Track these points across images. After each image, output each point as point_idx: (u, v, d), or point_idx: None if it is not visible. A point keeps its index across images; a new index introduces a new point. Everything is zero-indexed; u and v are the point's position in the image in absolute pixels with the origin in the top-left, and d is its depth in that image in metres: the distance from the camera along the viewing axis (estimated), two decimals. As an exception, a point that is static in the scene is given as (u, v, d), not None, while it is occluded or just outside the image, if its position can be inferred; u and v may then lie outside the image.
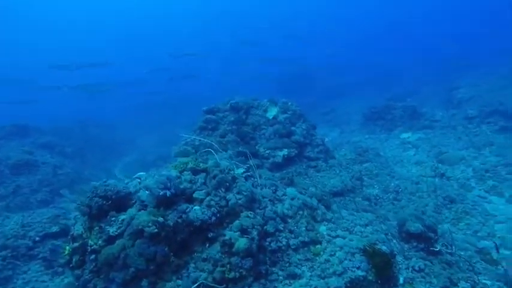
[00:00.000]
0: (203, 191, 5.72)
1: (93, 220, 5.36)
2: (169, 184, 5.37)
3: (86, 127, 28.48)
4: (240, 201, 5.62)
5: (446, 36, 47.23)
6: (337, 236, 6.10)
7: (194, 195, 5.64)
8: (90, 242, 5.19)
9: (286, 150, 12.04)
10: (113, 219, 5.27)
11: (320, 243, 5.96)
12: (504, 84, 22.92)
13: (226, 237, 5.10)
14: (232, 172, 6.31)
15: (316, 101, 33.25)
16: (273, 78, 38.98)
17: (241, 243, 5.00)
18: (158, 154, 22.88)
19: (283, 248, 5.66)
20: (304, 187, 9.58)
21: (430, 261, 5.99)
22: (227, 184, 5.77)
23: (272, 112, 13.45)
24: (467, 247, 8.00)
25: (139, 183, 6.28)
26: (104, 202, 5.39)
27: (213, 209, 5.42)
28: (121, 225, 5.17)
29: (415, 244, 6.38)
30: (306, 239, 5.88)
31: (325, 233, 6.20)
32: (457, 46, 40.60)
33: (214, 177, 5.80)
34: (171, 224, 5.06)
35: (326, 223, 6.52)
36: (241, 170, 7.09)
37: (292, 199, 6.60)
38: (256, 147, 12.21)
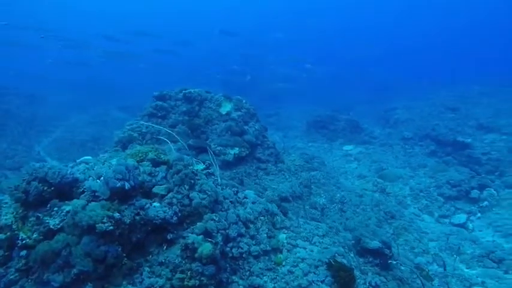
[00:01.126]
0: (164, 185, 5.11)
1: (29, 209, 4.47)
2: (128, 175, 4.68)
3: (3, 96, 25.13)
4: (204, 202, 5.11)
5: (386, 61, 50.61)
6: (297, 246, 5.89)
7: (154, 189, 5.02)
8: (21, 234, 4.30)
9: (237, 148, 11.66)
10: (55, 209, 4.44)
11: (281, 251, 5.70)
12: (433, 112, 25.00)
13: (189, 241, 4.57)
14: (191, 168, 5.78)
15: (260, 102, 33.37)
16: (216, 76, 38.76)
17: (206, 248, 4.51)
18: (90, 135, 21.07)
19: (244, 255, 5.29)
20: (257, 190, 9.33)
21: (384, 277, 6.07)
22: (191, 181, 5.23)
23: (226, 108, 12.99)
24: (406, 262, 8.39)
25: (87, 169, 5.46)
26: (45, 188, 4.53)
27: (174, 207, 4.86)
28: (65, 217, 4.37)
29: (370, 259, 6.45)
30: (268, 247, 5.57)
31: (285, 241, 5.96)
32: (394, 70, 43.56)
33: (177, 172, 5.22)
34: (128, 221, 4.39)
35: (285, 231, 6.29)
36: (201, 166, 6.57)
37: (253, 203, 6.26)
38: (207, 142, 11.66)
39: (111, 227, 4.17)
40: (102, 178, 4.83)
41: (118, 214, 4.32)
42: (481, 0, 63.71)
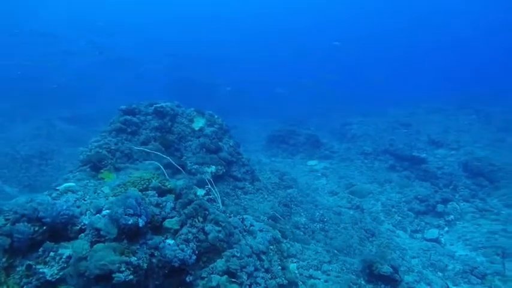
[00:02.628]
0: (175, 218, 4.46)
1: (15, 256, 3.61)
2: (138, 209, 3.99)
3: None
4: (220, 235, 4.55)
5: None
6: (312, 277, 5.49)
7: (165, 224, 4.35)
8: (7, 289, 3.44)
9: (214, 167, 11.06)
10: (51, 254, 3.63)
11: (297, 285, 5.26)
12: (388, 128, 26.16)
13: (213, 284, 3.98)
14: (199, 196, 5.18)
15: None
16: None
17: (233, 292, 3.94)
18: (35, 149, 19.04)
19: (262, 292, 4.78)
20: (238, 211, 8.80)
21: (397, 305, 5.88)
22: (206, 212, 4.64)
23: (199, 123, 12.36)
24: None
25: (77, 200, 4.62)
26: (36, 228, 3.69)
27: (191, 244, 4.23)
28: (65, 264, 3.58)
29: (382, 286, 6.23)
30: (284, 281, 5.10)
31: (296, 271, 5.54)
32: (346, 86, 45.25)
33: (189, 202, 4.61)
34: (145, 266, 3.70)
35: (293, 259, 5.87)
36: (201, 192, 5.96)
37: (261, 231, 5.77)
38: (182, 159, 10.92)
39: (131, 276, 3.46)
40: (104, 213, 4.08)
41: (135, 258, 3.62)
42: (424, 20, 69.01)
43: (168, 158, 10.31)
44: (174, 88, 37.73)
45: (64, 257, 3.60)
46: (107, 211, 4.11)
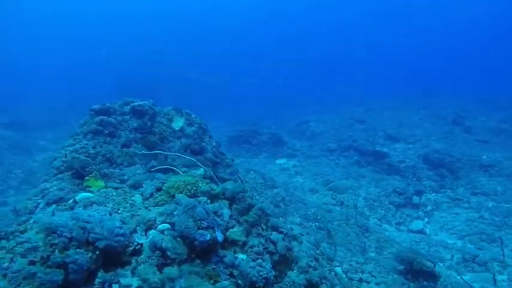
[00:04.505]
0: (239, 228, 3.83)
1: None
2: (210, 220, 3.31)
3: None
4: (288, 244, 4.00)
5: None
6: (362, 280, 5.14)
7: (230, 235, 3.70)
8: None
9: (202, 169, 10.29)
10: (115, 287, 2.84)
11: (351, 290, 4.87)
12: (344, 124, 26.89)
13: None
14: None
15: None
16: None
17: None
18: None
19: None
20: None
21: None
22: (268, 218, 4.06)
23: (178, 123, 11.50)
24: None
25: (109, 213, 3.78)
26: (89, 255, 2.87)
27: (266, 257, 3.64)
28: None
29: (425, 283, 6.07)
30: (341, 288, 4.69)
31: (344, 276, 5.15)
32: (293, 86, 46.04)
33: (249, 207, 4.00)
34: (235, 288, 3.05)
35: (336, 263, 5.48)
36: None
37: (302, 234, 5.30)
38: (168, 162, 10.01)
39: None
40: (161, 227, 3.34)
41: (226, 283, 2.95)
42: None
43: (193, 159, 9.43)
44: (118, 90, 36.07)
45: None
46: (165, 225, 3.37)
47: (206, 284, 2.81)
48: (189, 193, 4.04)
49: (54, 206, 6.87)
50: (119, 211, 3.86)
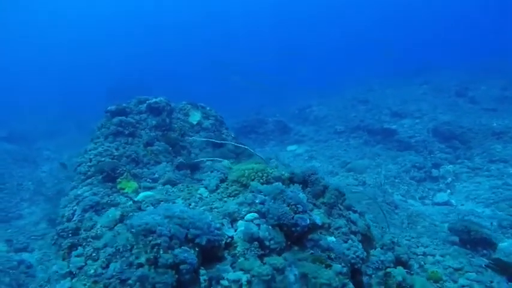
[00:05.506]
0: (319, 210, 3.69)
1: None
2: (303, 203, 3.17)
3: None
4: (366, 222, 3.89)
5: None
6: (426, 254, 5.05)
7: (315, 219, 3.56)
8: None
9: (226, 161, 10.12)
10: (224, 283, 2.69)
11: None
12: (347, 105, 26.76)
13: (399, 279, 3.32)
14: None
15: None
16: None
17: (419, 284, 3.33)
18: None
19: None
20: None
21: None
22: (344, 198, 3.94)
23: (195, 117, 11.30)
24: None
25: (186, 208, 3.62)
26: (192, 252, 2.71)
27: (353, 237, 3.52)
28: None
29: (484, 251, 6.01)
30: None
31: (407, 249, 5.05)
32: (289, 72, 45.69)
33: (324, 189, 3.86)
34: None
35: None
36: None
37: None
38: (191, 157, 9.83)
39: None
40: (249, 216, 3.19)
41: (339, 266, 2.82)
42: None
43: (253, 150, 9.25)
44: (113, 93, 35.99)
45: (243, 284, 2.68)
46: (253, 214, 3.23)
47: (322, 269, 2.67)
48: (261, 180, 3.89)
49: (91, 211, 6.71)
50: (190, 206, 3.70)
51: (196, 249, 2.75)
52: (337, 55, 54.38)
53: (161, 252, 2.60)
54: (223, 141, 10.33)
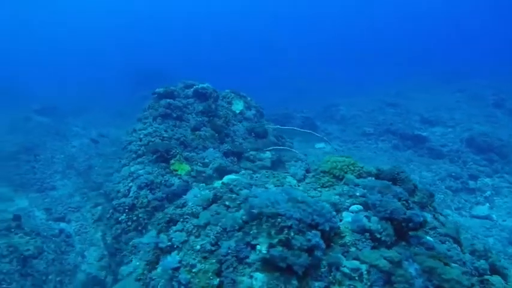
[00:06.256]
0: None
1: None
2: (410, 200, 3.13)
3: None
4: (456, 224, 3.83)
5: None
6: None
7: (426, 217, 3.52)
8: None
9: (268, 153, 10.12)
10: (344, 270, 2.68)
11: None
12: (375, 108, 26.36)
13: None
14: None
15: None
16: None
17: None
18: (19, 145, 16.57)
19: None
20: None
21: None
22: (433, 199, 3.90)
23: (238, 106, 11.32)
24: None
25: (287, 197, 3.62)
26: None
27: (448, 238, 3.47)
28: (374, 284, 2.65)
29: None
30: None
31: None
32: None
33: (414, 189, 3.82)
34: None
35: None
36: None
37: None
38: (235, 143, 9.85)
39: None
40: (354, 208, 3.17)
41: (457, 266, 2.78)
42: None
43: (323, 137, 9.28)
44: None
45: (363, 273, 2.66)
46: (358, 206, 3.22)
47: (444, 267, 2.64)
48: (355, 173, 3.88)
49: (146, 189, 6.80)
50: (293, 193, 3.70)
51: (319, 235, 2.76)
52: (364, 56, 53.51)
53: (292, 234, 2.62)
54: (294, 129, 10.30)
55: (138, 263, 4.65)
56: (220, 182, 5.00)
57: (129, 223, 6.52)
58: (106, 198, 11.37)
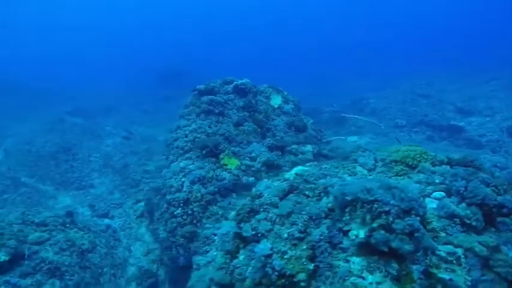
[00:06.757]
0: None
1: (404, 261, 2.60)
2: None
3: None
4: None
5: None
6: None
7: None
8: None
9: (309, 146, 10.09)
10: (441, 255, 2.65)
11: None
12: (407, 99, 25.77)
13: None
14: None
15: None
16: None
17: None
18: (57, 145, 17.14)
19: None
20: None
21: None
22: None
23: (276, 100, 11.30)
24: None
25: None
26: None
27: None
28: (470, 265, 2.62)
29: None
30: None
31: None
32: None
33: (491, 175, 3.73)
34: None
35: None
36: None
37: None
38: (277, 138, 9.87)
39: None
40: (437, 195, 3.13)
41: None
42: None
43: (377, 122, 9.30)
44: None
45: (460, 257, 2.64)
46: (441, 193, 3.19)
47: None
48: (428, 162, 3.83)
49: (198, 184, 6.90)
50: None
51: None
52: (390, 50, 52.43)
53: (391, 219, 2.63)
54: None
55: (215, 253, 4.76)
56: (293, 173, 5.04)
57: (185, 217, 6.64)
58: (150, 194, 11.65)
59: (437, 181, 3.40)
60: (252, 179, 7.42)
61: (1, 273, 6.50)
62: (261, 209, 4.27)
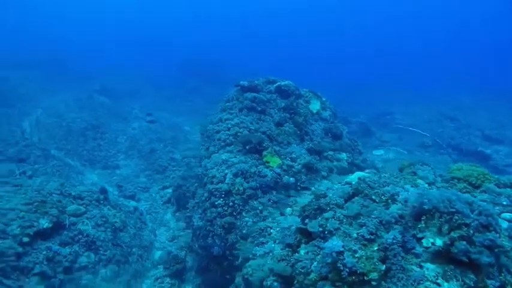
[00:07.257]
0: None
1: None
2: None
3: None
4: None
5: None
6: None
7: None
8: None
9: (344, 154, 10.11)
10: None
11: None
12: (433, 119, 25.52)
13: None
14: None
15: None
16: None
17: None
18: (87, 122, 17.45)
19: None
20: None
21: None
22: None
23: (315, 105, 11.32)
24: None
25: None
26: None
27: None
28: None
29: None
30: None
31: None
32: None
33: None
34: None
35: None
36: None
37: None
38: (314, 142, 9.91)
39: None
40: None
41: None
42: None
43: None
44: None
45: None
46: (509, 214, 3.26)
47: None
48: (493, 183, 3.88)
49: (241, 177, 6.98)
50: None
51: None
52: (421, 64, 51.83)
53: (471, 232, 2.70)
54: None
55: (273, 245, 4.86)
56: (355, 177, 5.10)
57: (225, 208, 6.74)
58: (179, 182, 11.79)
59: (504, 203, 3.48)
60: (292, 179, 7.49)
61: (43, 239, 6.69)
62: (328, 208, 4.34)
